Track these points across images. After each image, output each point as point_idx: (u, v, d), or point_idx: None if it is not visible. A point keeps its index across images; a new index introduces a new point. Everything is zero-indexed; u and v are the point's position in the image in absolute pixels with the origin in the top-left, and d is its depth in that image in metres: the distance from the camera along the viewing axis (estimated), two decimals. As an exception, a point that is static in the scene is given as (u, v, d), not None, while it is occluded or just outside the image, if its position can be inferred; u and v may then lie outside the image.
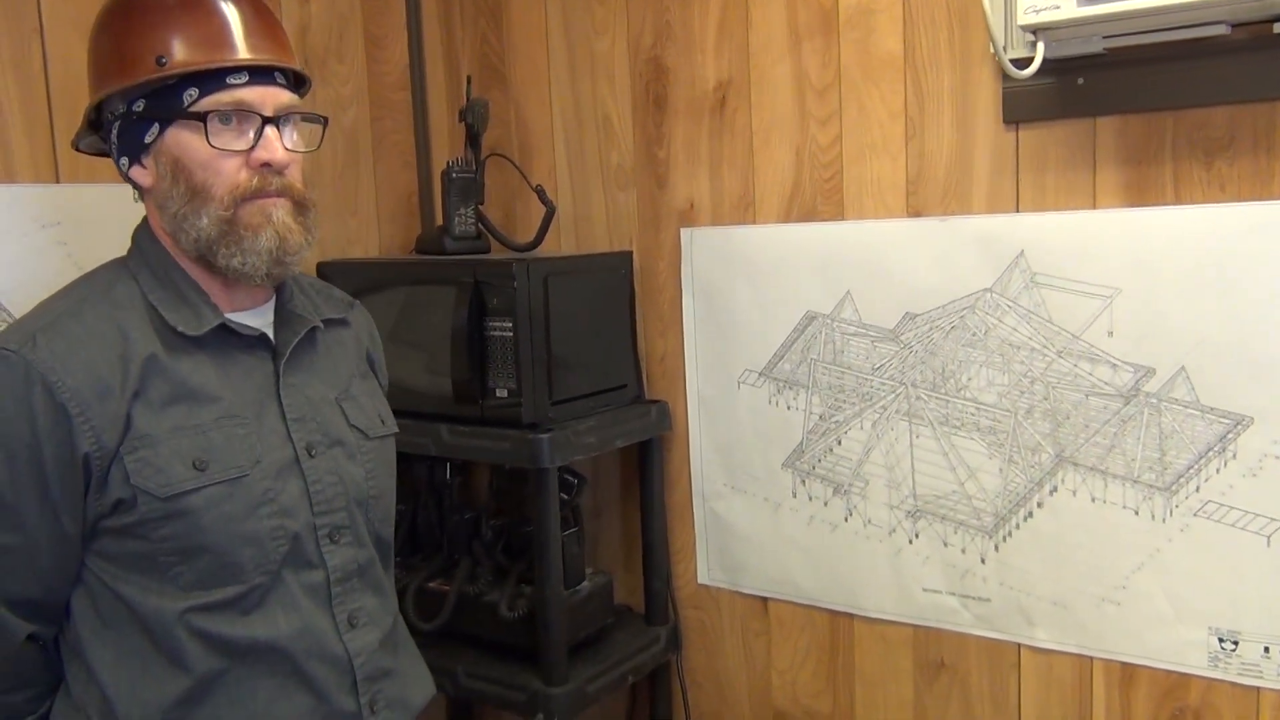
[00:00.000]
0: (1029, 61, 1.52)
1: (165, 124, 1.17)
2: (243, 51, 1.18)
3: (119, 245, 1.77)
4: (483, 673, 1.92)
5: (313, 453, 1.25)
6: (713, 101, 1.95)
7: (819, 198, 1.85)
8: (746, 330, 1.96)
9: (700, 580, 2.10)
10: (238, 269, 1.18)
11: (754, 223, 1.93)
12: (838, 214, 1.83)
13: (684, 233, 2.01)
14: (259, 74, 1.19)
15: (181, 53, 1.16)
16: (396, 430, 1.40)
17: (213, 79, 1.16)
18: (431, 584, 2.02)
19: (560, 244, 2.18)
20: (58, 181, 1.73)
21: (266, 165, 1.18)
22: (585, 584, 1.98)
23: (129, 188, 1.79)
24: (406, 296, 1.95)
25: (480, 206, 2.07)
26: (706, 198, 1.98)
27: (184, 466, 1.15)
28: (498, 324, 1.82)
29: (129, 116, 1.19)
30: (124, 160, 1.22)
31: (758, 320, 1.94)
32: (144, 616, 1.16)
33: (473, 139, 2.05)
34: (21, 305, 1.66)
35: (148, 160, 1.20)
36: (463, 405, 1.86)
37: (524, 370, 1.80)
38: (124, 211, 1.78)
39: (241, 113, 1.17)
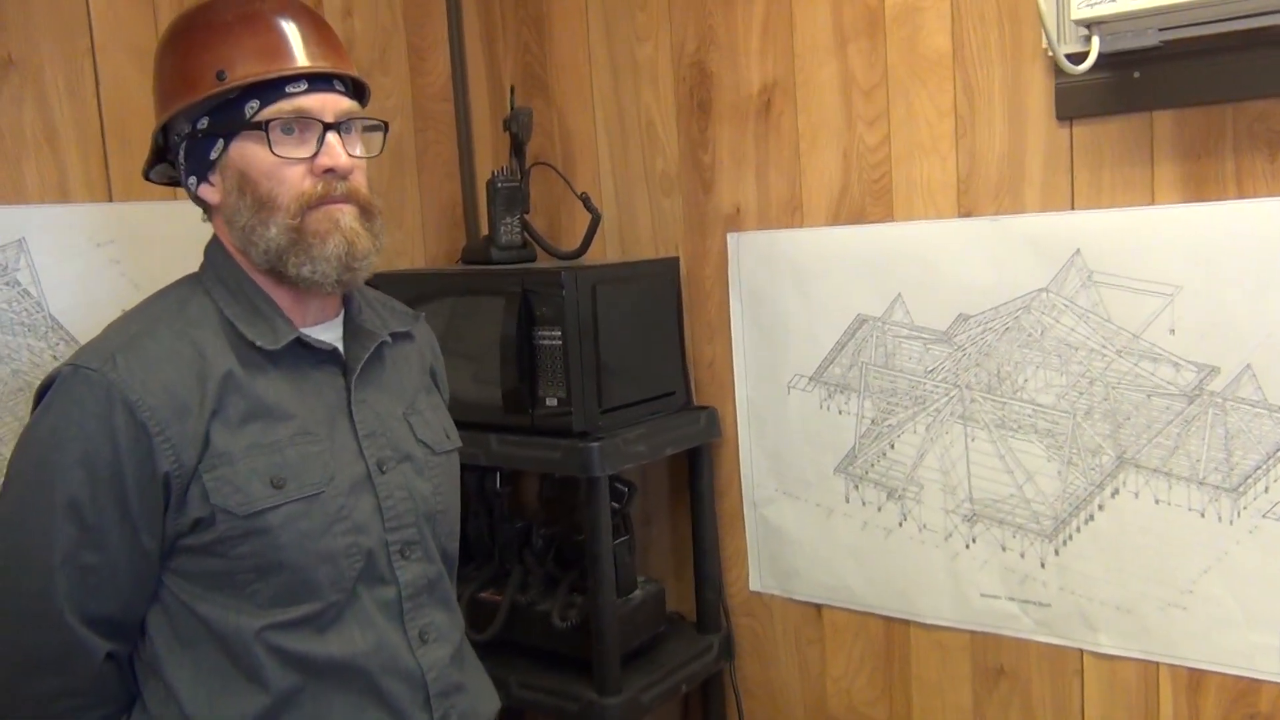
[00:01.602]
0: (1082, 56, 1.49)
1: (229, 138, 1.18)
2: (301, 60, 1.19)
3: (171, 262, 1.79)
4: (536, 683, 1.91)
5: (384, 469, 1.26)
6: (758, 105, 1.93)
7: (868, 199, 1.83)
8: (795, 335, 1.94)
9: (752, 587, 2.08)
10: (308, 277, 1.19)
11: (801, 226, 1.91)
12: (887, 215, 1.81)
13: (730, 237, 2.00)
14: (317, 81, 1.19)
15: (241, 66, 1.17)
16: (460, 444, 1.40)
17: (272, 89, 1.17)
18: (483, 594, 2.02)
19: (605, 251, 2.18)
20: (110, 200, 1.75)
21: (330, 171, 1.18)
22: (637, 592, 1.97)
23: (181, 205, 1.81)
24: (454, 307, 1.96)
25: (525, 215, 2.07)
26: (753, 202, 1.97)
27: (262, 484, 1.16)
28: (546, 333, 1.82)
29: (194, 135, 1.20)
30: (192, 180, 1.23)
31: (807, 324, 1.92)
32: (222, 634, 1.16)
33: (517, 148, 2.05)
34: (78, 322, 1.68)
35: (214, 177, 1.21)
36: (512, 415, 1.86)
37: (573, 379, 1.80)
38: (176, 228, 1.80)
39: (302, 120, 1.18)
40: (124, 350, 1.15)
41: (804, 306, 1.92)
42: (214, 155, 1.19)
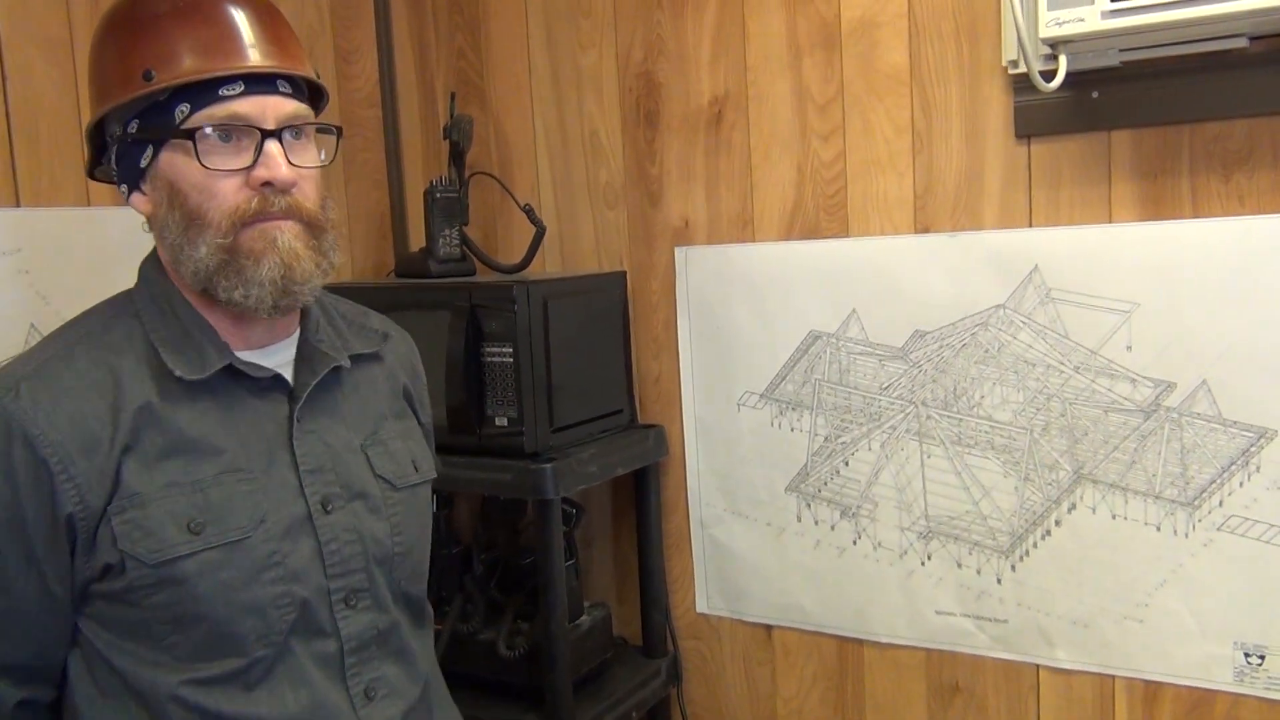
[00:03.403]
0: (1043, 75, 1.49)
1: (159, 145, 1.06)
2: (238, 58, 1.05)
3: (86, 273, 1.66)
4: (482, 715, 1.82)
5: (329, 508, 1.13)
6: (708, 117, 1.90)
7: (822, 214, 1.81)
8: (746, 351, 1.91)
9: (699, 609, 2.03)
10: (240, 302, 1.06)
11: (753, 240, 1.88)
12: (842, 230, 1.80)
13: (679, 251, 1.96)
14: (256, 83, 1.05)
15: (171, 65, 1.03)
16: (434, 474, 1.28)
17: (204, 91, 1.04)
18: (421, 623, 1.92)
19: (545, 264, 2.11)
20: (18, 205, 1.60)
21: (268, 185, 1.05)
22: (584, 618, 1.91)
23: (97, 211, 1.69)
24: (391, 322, 1.86)
25: (464, 228, 1.99)
26: (702, 215, 1.93)
27: (176, 529, 1.04)
28: (496, 349, 1.74)
29: (125, 139, 1.08)
30: (124, 187, 1.11)
31: (758, 341, 1.89)
32: (137, 689, 1.05)
33: (457, 157, 1.97)
34: (-17, 338, 1.54)
35: (146, 186, 1.09)
36: (458, 435, 1.77)
37: (525, 397, 1.73)
38: (91, 237, 1.67)
39: (237, 128, 1.04)
40: (31, 378, 1.03)
41: (755, 322, 1.89)
42: (144, 163, 1.07)
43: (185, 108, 1.04)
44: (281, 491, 1.10)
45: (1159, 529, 1.59)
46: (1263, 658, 1.55)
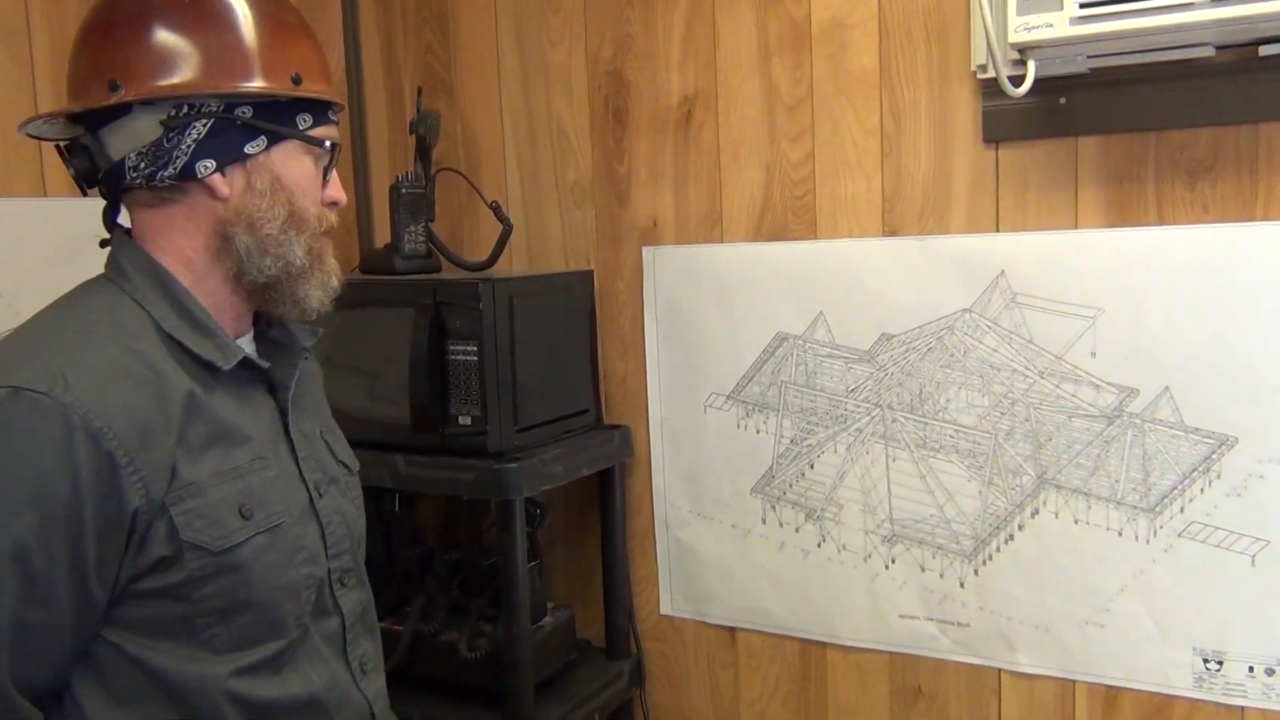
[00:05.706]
0: (1012, 80, 1.50)
1: (274, 140, 1.10)
2: (333, 89, 1.17)
3: (41, 266, 1.62)
4: (443, 717, 1.81)
5: (321, 493, 1.17)
6: (677, 116, 1.89)
7: (790, 216, 1.81)
8: (713, 352, 1.90)
9: (663, 611, 2.02)
10: (302, 301, 1.14)
11: (721, 241, 1.87)
12: (810, 233, 1.79)
13: (646, 251, 1.94)
14: (335, 113, 1.19)
15: (310, 78, 1.12)
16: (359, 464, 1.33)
17: (320, 110, 1.14)
18: (381, 623, 1.90)
19: (512, 263, 2.09)
20: (-31, 195, 1.57)
21: (334, 205, 1.17)
22: (548, 619, 1.89)
23: (54, 203, 1.65)
24: (355, 319, 1.83)
25: (430, 224, 1.97)
26: (671, 215, 1.92)
27: (232, 515, 1.05)
28: (460, 347, 1.72)
29: (230, 120, 1.07)
30: (208, 163, 1.06)
31: (725, 342, 1.89)
32: (179, 688, 1.03)
33: (423, 152, 1.95)
34: (-68, 332, 1.50)
35: (235, 170, 1.09)
36: (421, 434, 1.75)
37: (489, 396, 1.71)
38: (47, 229, 1.64)
39: (333, 147, 1.16)
40: (71, 368, 0.98)
41: (722, 323, 1.88)
42: (252, 150, 1.09)
43: (308, 118, 1.13)
44: (290, 478, 1.15)
45: (1121, 534, 1.60)
46: (1221, 663, 1.56)
